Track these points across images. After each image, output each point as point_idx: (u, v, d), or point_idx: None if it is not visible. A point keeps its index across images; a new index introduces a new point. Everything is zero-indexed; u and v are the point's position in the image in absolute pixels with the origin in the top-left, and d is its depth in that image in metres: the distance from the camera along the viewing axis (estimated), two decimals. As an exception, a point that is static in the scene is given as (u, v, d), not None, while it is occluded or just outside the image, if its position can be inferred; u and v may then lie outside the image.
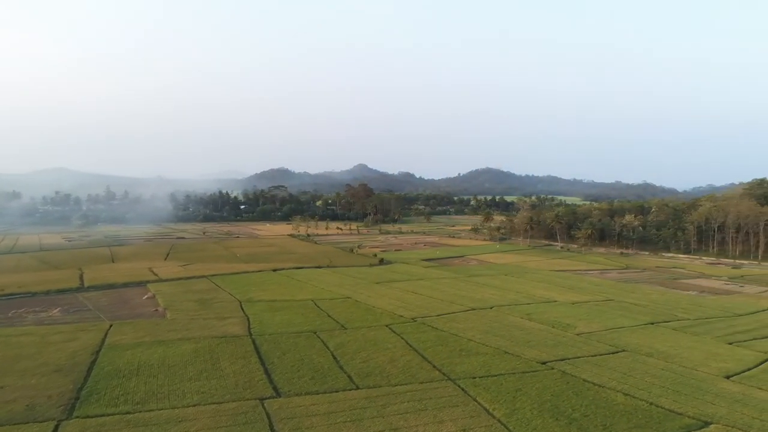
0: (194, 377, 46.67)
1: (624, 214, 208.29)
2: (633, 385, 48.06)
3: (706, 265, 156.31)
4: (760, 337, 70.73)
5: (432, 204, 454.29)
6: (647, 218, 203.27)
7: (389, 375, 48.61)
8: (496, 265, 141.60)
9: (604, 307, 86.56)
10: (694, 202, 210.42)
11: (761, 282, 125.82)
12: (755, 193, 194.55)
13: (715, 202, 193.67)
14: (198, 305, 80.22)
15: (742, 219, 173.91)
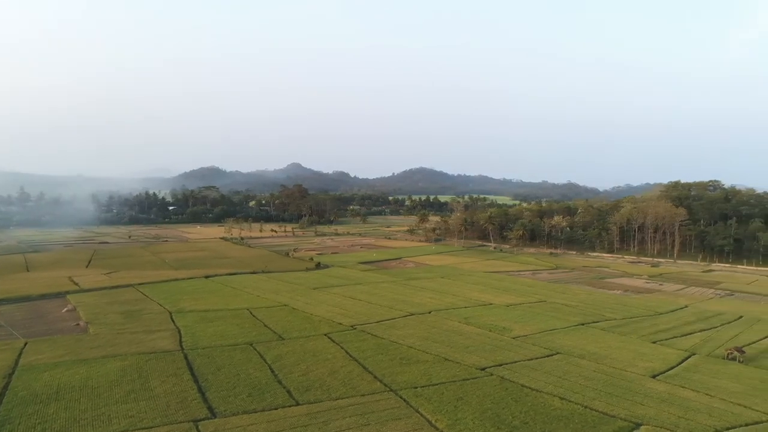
0: (121, 399, 43.60)
1: (553, 215, 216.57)
2: (568, 389, 49.32)
3: (628, 264, 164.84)
4: (680, 335, 74.97)
5: (367, 204, 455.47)
6: (574, 219, 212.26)
7: (330, 388, 47.43)
8: (432, 267, 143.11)
9: (537, 309, 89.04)
10: (616, 204, 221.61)
11: (678, 280, 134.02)
12: (671, 194, 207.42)
13: (635, 203, 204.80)
14: (124, 318, 75.63)
15: (660, 220, 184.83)
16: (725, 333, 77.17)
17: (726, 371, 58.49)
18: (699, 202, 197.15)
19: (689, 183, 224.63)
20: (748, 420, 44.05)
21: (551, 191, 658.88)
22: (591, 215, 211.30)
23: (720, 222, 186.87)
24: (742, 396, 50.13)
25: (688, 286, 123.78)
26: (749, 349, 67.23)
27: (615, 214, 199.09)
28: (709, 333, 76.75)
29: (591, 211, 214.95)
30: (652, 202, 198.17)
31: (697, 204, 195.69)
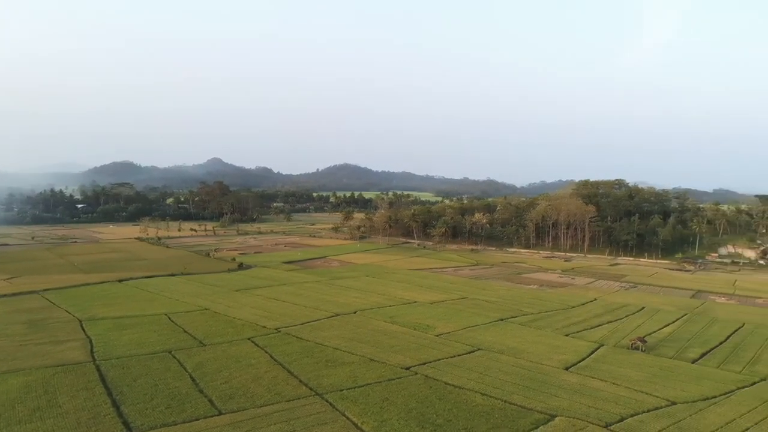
0: (26, 419, 40.55)
1: (474, 212, 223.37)
2: (489, 384, 51.17)
3: (543, 259, 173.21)
4: (590, 327, 79.78)
5: (291, 201, 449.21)
6: (494, 216, 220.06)
7: (254, 395, 46.46)
8: (357, 265, 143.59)
9: (459, 306, 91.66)
10: (532, 201, 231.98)
11: (588, 273, 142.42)
12: (581, 192, 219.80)
13: (549, 201, 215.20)
14: (28, 328, 70.30)
15: (572, 216, 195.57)
16: (630, 324, 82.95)
17: (630, 360, 62.93)
18: (606, 200, 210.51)
19: (598, 182, 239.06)
20: (650, 406, 47.60)
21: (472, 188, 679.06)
22: (509, 212, 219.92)
23: (625, 218, 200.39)
24: (644, 383, 54.11)
25: (597, 280, 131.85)
26: (650, 339, 72.68)
27: (531, 211, 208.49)
28: (615, 324, 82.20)
29: (509, 209, 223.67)
30: (565, 199, 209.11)
31: (604, 201, 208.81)
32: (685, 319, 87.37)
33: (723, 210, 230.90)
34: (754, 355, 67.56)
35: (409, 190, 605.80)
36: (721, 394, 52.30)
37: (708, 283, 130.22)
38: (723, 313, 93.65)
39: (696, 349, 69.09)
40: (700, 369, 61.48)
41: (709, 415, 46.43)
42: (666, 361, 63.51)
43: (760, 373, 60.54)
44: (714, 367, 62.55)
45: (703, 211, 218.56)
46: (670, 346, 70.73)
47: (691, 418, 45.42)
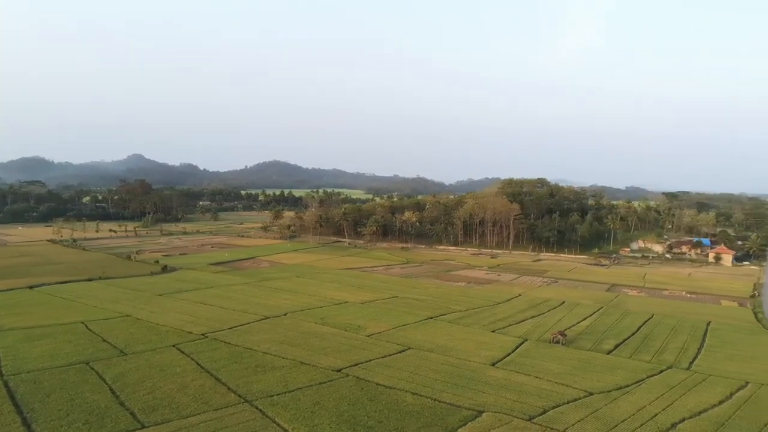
0: None
1: (404, 211, 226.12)
2: (420, 383, 52.09)
3: (470, 256, 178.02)
4: (515, 323, 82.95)
5: (218, 200, 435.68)
6: (423, 214, 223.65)
7: (180, 405, 44.85)
8: (288, 266, 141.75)
9: (390, 305, 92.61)
10: (460, 200, 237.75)
11: (513, 270, 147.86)
12: (506, 191, 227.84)
13: (476, 199, 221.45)
14: None
15: (498, 214, 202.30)
16: (551, 318, 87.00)
17: (552, 354, 66.02)
18: (529, 198, 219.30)
19: (521, 180, 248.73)
20: (570, 398, 50.20)
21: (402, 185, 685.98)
22: (438, 211, 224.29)
23: (546, 216, 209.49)
24: (564, 376, 56.95)
25: (522, 275, 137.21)
26: (570, 332, 76.57)
27: (459, 209, 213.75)
28: (538, 319, 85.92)
29: (438, 207, 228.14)
30: (491, 198, 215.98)
31: (528, 200, 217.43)
32: (601, 312, 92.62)
33: (635, 207, 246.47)
34: (661, 344, 72.71)
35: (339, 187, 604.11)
36: (633, 382, 55.94)
37: (621, 276, 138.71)
38: (634, 306, 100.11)
39: (611, 341, 73.47)
40: (615, 360, 65.45)
41: (623, 403, 49.56)
42: (584, 354, 67.15)
43: (666, 361, 65.28)
44: (627, 357, 66.78)
45: (617, 209, 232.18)
46: (587, 338, 74.82)
47: (606, 407, 48.29)
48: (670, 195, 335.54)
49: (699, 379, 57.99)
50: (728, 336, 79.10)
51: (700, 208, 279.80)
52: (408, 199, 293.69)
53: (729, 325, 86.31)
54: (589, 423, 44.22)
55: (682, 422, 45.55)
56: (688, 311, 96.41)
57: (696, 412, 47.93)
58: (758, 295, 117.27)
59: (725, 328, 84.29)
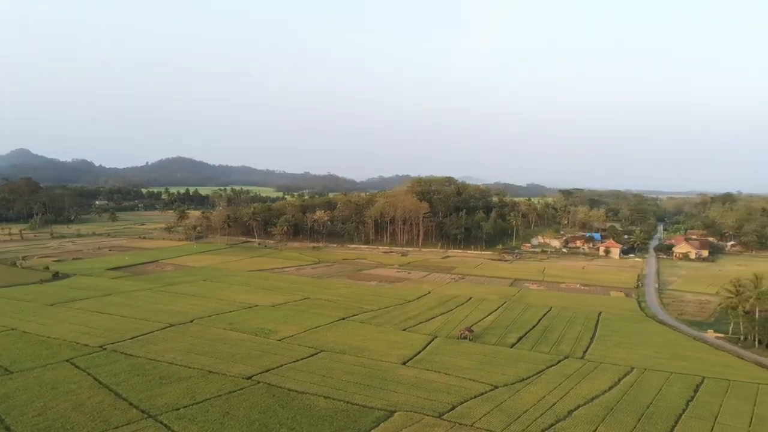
0: None
1: (315, 209, 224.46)
2: (332, 387, 52.16)
3: (382, 255, 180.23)
4: (425, 320, 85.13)
5: (117, 199, 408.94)
6: (335, 213, 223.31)
7: (75, 426, 41.91)
8: (194, 269, 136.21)
9: (302, 307, 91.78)
10: (371, 198, 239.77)
11: (422, 267, 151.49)
12: (416, 190, 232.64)
13: (387, 198, 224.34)
14: None
15: (408, 213, 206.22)
16: (459, 314, 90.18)
17: (460, 350, 68.53)
18: (438, 197, 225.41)
19: (430, 179, 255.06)
20: (476, 392, 52.41)
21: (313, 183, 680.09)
22: (349, 209, 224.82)
23: (454, 214, 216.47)
24: (472, 371, 59.35)
25: (431, 273, 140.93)
26: (476, 327, 79.79)
27: (370, 208, 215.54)
28: (447, 316, 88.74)
29: (349, 206, 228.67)
30: (401, 197, 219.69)
31: (436, 198, 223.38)
32: (505, 306, 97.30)
33: (534, 204, 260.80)
34: (559, 336, 77.68)
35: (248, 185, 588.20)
36: (534, 374, 59.39)
37: (523, 271, 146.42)
38: (535, 299, 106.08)
39: (514, 335, 77.43)
40: (517, 353, 69.10)
41: (525, 394, 52.52)
42: (489, 348, 70.30)
43: (563, 351, 69.88)
44: (528, 349, 70.70)
45: (519, 206, 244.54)
46: (493, 333, 78.37)
47: (510, 399, 50.94)
48: (566, 192, 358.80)
49: (592, 368, 62.60)
50: (616, 325, 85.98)
51: (592, 205, 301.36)
52: (319, 198, 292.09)
53: (617, 315, 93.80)
54: (494, 416, 46.42)
55: (578, 409, 49.04)
56: (582, 303, 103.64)
57: (589, 399, 51.78)
58: (642, 285, 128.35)
59: (614, 317, 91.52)
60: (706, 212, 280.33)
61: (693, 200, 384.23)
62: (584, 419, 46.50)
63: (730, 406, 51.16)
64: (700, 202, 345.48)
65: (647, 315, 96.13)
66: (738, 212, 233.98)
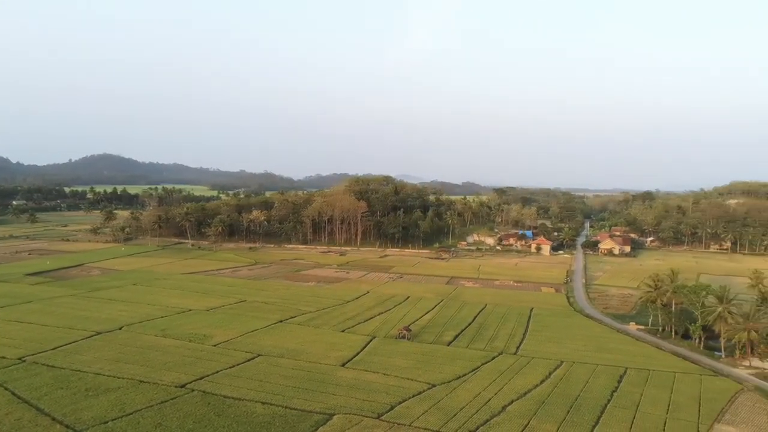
0: None
1: (251, 209, 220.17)
2: (270, 392, 51.43)
3: (320, 254, 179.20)
4: (363, 321, 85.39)
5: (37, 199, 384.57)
6: (271, 213, 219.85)
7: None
8: (123, 272, 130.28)
9: (238, 310, 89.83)
10: (309, 198, 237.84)
11: (361, 267, 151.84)
12: (354, 189, 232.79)
13: (325, 197, 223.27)
14: None
15: (346, 212, 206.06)
16: (397, 314, 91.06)
17: (398, 350, 69.23)
18: (376, 196, 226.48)
19: (368, 178, 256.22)
20: (414, 391, 53.15)
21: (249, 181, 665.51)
22: (287, 209, 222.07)
23: (392, 213, 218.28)
24: (410, 370, 60.12)
25: (370, 272, 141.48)
26: (414, 326, 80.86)
27: (308, 207, 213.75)
28: (385, 315, 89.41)
29: (287, 205, 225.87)
30: (339, 196, 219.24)
31: (374, 198, 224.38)
32: (442, 305, 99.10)
33: (470, 203, 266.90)
34: (493, 332, 79.98)
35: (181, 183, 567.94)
36: (470, 371, 60.88)
37: (459, 269, 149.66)
38: (470, 297, 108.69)
39: (450, 332, 79.06)
40: (454, 350, 70.59)
41: (461, 391, 53.78)
42: (427, 347, 71.44)
43: (497, 348, 72.01)
44: (464, 347, 72.39)
45: (455, 205, 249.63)
46: (430, 331, 79.66)
47: (447, 397, 52.01)
48: (499, 191, 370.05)
49: (524, 363, 64.90)
50: (547, 320, 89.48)
51: (524, 203, 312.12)
52: (256, 197, 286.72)
53: (548, 310, 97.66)
54: (432, 414, 47.28)
55: (511, 404, 50.75)
56: (515, 299, 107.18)
57: (522, 393, 53.70)
58: (570, 281, 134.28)
59: (545, 313, 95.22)
60: (628, 210, 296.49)
61: (616, 198, 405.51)
62: (517, 414, 48.20)
63: (650, 395, 54.46)
64: (623, 200, 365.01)
65: (575, 309, 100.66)
66: (656, 210, 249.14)
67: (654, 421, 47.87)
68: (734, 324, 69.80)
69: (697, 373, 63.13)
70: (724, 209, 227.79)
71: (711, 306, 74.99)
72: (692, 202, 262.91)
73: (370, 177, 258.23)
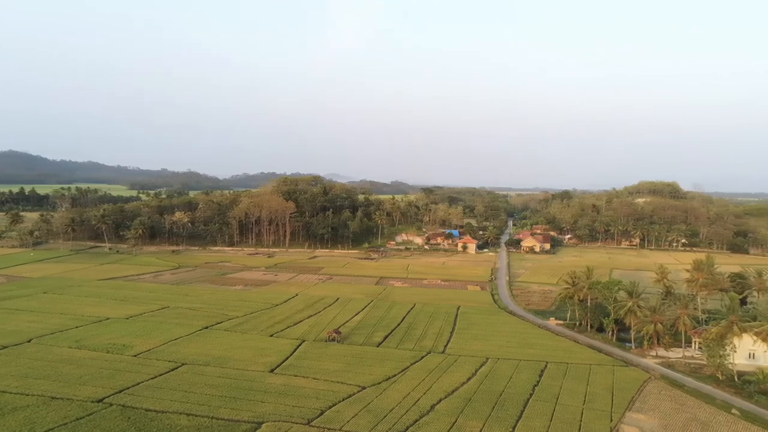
0: None
1: (174, 210, 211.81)
2: (195, 402, 49.79)
3: (247, 257, 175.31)
4: (292, 324, 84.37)
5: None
6: (196, 214, 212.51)
7: None
8: (32, 280, 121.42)
9: (160, 318, 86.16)
10: (235, 198, 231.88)
11: (290, 269, 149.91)
12: (282, 189, 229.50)
13: (252, 198, 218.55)
14: None
15: (274, 213, 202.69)
16: (327, 316, 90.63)
17: (328, 353, 68.96)
18: (304, 196, 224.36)
19: (296, 178, 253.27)
20: (345, 395, 53.18)
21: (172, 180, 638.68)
22: (212, 210, 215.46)
23: (321, 213, 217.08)
24: (340, 374, 60.07)
25: (299, 274, 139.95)
26: (344, 328, 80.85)
27: (234, 208, 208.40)
28: (315, 318, 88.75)
29: (212, 206, 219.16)
30: (266, 196, 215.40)
31: (303, 198, 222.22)
32: (371, 305, 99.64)
33: (398, 203, 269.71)
34: (422, 332, 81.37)
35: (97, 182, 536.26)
36: (400, 371, 61.69)
37: (388, 269, 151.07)
38: (400, 296, 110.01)
39: (380, 333, 79.66)
40: (384, 351, 71.22)
41: (391, 392, 54.39)
42: (357, 349, 71.65)
43: (426, 347, 73.35)
44: (394, 347, 73.20)
45: (384, 205, 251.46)
46: (360, 333, 79.90)
47: (377, 399, 52.45)
48: (427, 190, 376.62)
49: (452, 361, 66.53)
50: (473, 318, 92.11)
51: (451, 202, 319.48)
52: (179, 197, 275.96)
53: (474, 308, 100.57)
54: (362, 417, 47.52)
55: (440, 402, 51.92)
56: (443, 298, 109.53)
57: (450, 392, 55.04)
58: (495, 278, 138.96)
59: (471, 311, 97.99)
60: (548, 208, 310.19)
61: (537, 197, 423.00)
62: (445, 412, 49.38)
63: (569, 387, 57.43)
64: (543, 199, 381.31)
65: (500, 307, 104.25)
66: (573, 208, 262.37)
67: (572, 412, 50.53)
68: (643, 317, 74.78)
69: (610, 365, 67.20)
70: (633, 207, 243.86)
71: (622, 301, 79.99)
72: (605, 201, 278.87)
73: (298, 177, 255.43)
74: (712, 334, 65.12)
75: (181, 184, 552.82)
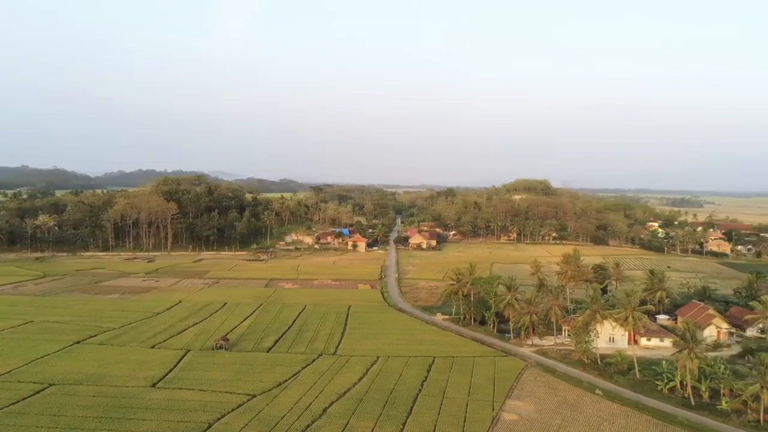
0: None
1: (38, 213, 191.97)
2: (65, 427, 45.88)
3: (125, 262, 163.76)
4: (176, 333, 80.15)
5: None
6: (63, 217, 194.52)
7: None
8: None
9: (23, 334, 77.84)
10: (109, 199, 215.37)
11: (173, 273, 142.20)
12: (162, 189, 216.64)
13: (129, 199, 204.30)
14: None
15: (154, 214, 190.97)
16: (214, 322, 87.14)
17: (215, 362, 66.43)
18: (187, 196, 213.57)
19: (178, 177, 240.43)
20: (234, 405, 51.59)
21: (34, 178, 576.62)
22: (83, 212, 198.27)
23: (206, 214, 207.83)
24: (228, 383, 58.13)
25: (182, 279, 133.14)
26: (232, 335, 78.34)
27: (109, 210, 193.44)
28: (201, 326, 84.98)
29: (82, 208, 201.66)
30: (145, 197, 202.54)
31: (185, 198, 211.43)
32: (261, 309, 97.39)
33: (288, 202, 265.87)
34: (313, 334, 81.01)
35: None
36: (291, 376, 60.97)
37: (278, 270, 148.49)
38: (290, 298, 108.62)
39: (270, 338, 78.16)
40: (274, 356, 70.02)
41: (283, 399, 53.64)
42: (246, 356, 69.75)
43: (317, 349, 73.13)
44: (284, 352, 72.20)
45: (272, 204, 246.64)
46: (249, 339, 77.82)
47: (268, 406, 51.48)
48: (316, 188, 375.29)
49: (343, 362, 66.97)
50: (364, 317, 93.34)
51: (340, 201, 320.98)
52: (43, 198, 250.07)
53: (364, 307, 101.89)
54: (252, 427, 46.46)
55: (332, 405, 52.11)
56: (334, 298, 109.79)
57: (342, 393, 55.43)
58: (384, 276, 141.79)
59: (362, 310, 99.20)
60: (434, 206, 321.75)
61: (424, 194, 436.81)
62: (338, 414, 49.67)
63: (454, 380, 60.21)
64: (429, 197, 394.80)
65: (389, 304, 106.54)
66: (457, 206, 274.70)
67: (458, 404, 53.08)
68: (520, 309, 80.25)
69: (492, 356, 71.43)
70: (511, 204, 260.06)
71: (502, 295, 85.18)
72: (486, 198, 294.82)
73: (180, 175, 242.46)
74: (579, 322, 71.61)
75: (45, 182, 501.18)
